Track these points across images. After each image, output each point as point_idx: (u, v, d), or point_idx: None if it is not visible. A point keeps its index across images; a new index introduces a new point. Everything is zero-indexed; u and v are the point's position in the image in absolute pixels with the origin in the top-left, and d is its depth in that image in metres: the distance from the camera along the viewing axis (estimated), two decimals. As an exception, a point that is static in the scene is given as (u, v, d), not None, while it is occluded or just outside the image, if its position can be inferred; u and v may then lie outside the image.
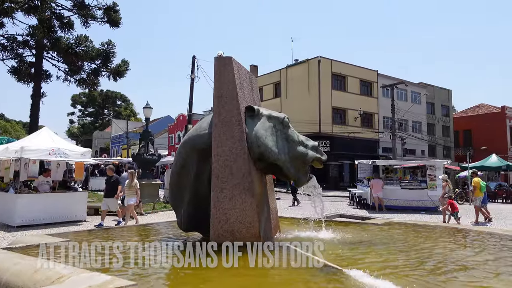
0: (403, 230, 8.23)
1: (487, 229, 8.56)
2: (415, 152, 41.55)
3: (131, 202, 11.01)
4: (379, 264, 5.01)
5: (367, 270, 4.28)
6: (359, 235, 7.59)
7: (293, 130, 6.50)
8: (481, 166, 28.87)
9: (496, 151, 37.30)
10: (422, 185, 17.69)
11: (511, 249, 6.34)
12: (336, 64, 36.14)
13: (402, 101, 40.45)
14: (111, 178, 11.56)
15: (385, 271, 4.56)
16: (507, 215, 16.96)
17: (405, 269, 4.83)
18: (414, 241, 6.94)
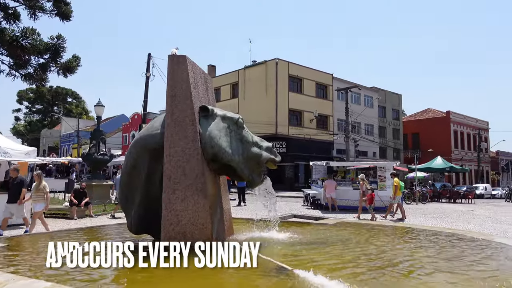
0: (354, 230, 8.47)
1: (432, 228, 8.98)
2: (367, 154, 43.01)
3: (38, 209, 9.51)
4: (330, 264, 5.11)
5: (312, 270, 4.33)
6: (312, 235, 7.72)
7: (248, 131, 6.49)
8: (427, 167, 30.43)
9: (441, 154, 39.42)
10: (372, 186, 18.29)
11: (457, 246, 6.68)
12: (293, 67, 36.68)
13: (355, 104, 41.75)
14: (15, 180, 9.89)
15: (335, 270, 4.65)
16: (450, 213, 17.93)
17: (354, 268, 4.95)
18: (364, 240, 7.15)
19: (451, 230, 8.74)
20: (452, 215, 17.44)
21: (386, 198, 18.02)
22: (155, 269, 4.13)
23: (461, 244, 6.78)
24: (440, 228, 9.93)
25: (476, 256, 5.87)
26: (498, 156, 69.72)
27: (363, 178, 15.64)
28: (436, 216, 16.73)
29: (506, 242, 7.10)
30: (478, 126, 56.95)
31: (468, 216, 17.00)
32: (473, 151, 54.33)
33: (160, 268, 4.14)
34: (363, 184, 15.22)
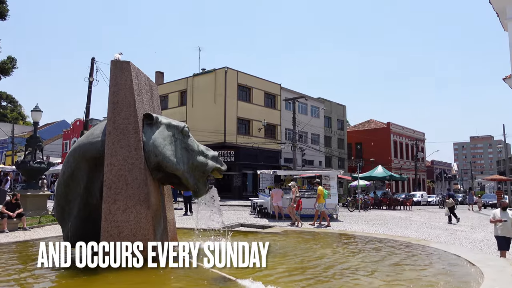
0: (299, 238, 8.62)
1: (372, 234, 9.35)
2: (313, 162, 44.10)
3: None
4: (273, 272, 5.15)
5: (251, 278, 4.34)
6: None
7: (193, 139, 6.41)
8: (369, 176, 31.74)
9: (382, 163, 41.34)
10: (301, 194, 18.74)
11: (394, 250, 7.00)
12: (242, 76, 36.93)
13: (302, 114, 42.75)
14: None
15: (280, 278, 4.69)
16: (390, 220, 18.80)
17: (298, 275, 5.02)
18: (309, 248, 7.30)
19: (390, 236, 9.16)
20: (392, 221, 18.29)
21: (331, 206, 18.56)
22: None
23: (397, 249, 7.12)
24: (380, 235, 10.37)
25: (410, 259, 6.19)
26: (433, 165, 74.48)
27: (294, 185, 16.09)
28: (377, 222, 17.46)
29: (439, 247, 7.56)
30: (416, 136, 60.50)
31: (406, 222, 17.91)
32: (411, 160, 57.53)
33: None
34: (295, 191, 15.62)
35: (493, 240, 12.76)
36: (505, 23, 28.08)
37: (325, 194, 15.63)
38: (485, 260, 5.81)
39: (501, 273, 5.00)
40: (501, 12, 28.48)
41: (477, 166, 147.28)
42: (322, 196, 15.37)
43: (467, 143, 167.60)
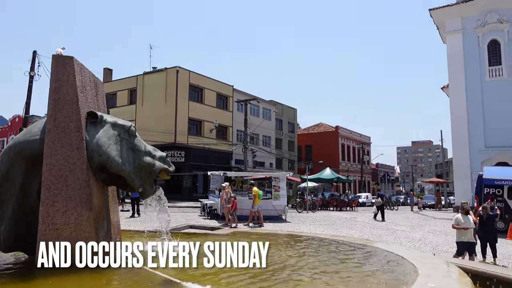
0: (248, 239, 8.65)
1: (315, 235, 9.59)
2: (264, 164, 44.55)
3: None
4: (221, 276, 5.13)
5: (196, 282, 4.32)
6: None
7: (140, 139, 6.25)
8: (317, 178, 32.59)
9: (330, 165, 42.57)
10: (267, 196, 18.99)
11: (339, 250, 7.21)
12: (194, 76, 36.54)
13: (254, 116, 43.07)
14: None
15: (227, 278, 4.69)
16: (336, 221, 19.42)
17: (242, 278, 5.04)
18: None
19: (335, 237, 9.45)
20: (338, 222, 18.90)
21: (281, 207, 18.86)
22: None
23: (340, 248, 7.37)
24: (326, 235, 10.66)
25: (351, 258, 6.44)
26: (378, 168, 77.88)
27: (227, 185, 16.30)
28: (324, 223, 17.98)
29: (379, 246, 7.91)
30: (362, 140, 62.98)
31: (351, 223, 18.59)
32: (357, 163, 59.76)
33: None
34: (228, 191, 15.80)
35: (430, 239, 13.60)
36: (444, 36, 30.10)
37: (259, 195, 16.09)
38: (421, 258, 6.15)
39: (435, 269, 5.32)
40: (441, 26, 30.51)
41: (418, 169, 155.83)
42: (257, 197, 15.82)
43: (409, 147, 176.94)
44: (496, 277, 6.18)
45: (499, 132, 25.39)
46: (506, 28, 26.23)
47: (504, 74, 26.04)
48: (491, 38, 26.75)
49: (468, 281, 4.72)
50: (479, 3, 26.77)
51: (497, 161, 25.02)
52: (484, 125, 26.02)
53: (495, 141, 25.55)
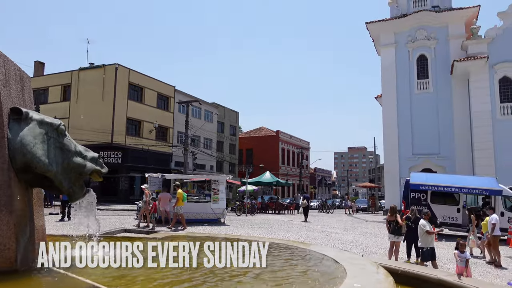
0: (184, 243, 8.50)
1: (252, 238, 9.67)
2: (205, 167, 44.20)
3: None
4: (152, 280, 5.00)
5: None
6: (139, 250, 7.43)
7: (70, 139, 5.92)
8: (257, 181, 32.94)
9: (271, 169, 43.23)
10: (207, 199, 18.85)
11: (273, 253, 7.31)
12: (134, 74, 35.41)
13: (196, 118, 42.64)
14: None
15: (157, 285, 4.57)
16: (274, 224, 19.73)
17: (176, 283, 4.95)
18: (191, 254, 7.23)
19: (270, 239, 9.60)
20: (275, 225, 19.23)
21: (219, 210, 18.80)
22: None
23: (274, 251, 7.49)
24: (263, 238, 10.80)
25: (284, 260, 6.59)
26: (316, 172, 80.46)
27: (147, 187, 16.09)
28: (262, 226, 18.19)
29: (312, 248, 8.16)
30: (301, 145, 64.71)
31: (288, 226, 18.99)
32: (297, 167, 61.27)
33: None
34: (148, 193, 15.62)
35: (361, 241, 14.27)
36: (379, 49, 31.84)
37: (184, 197, 15.82)
38: (350, 259, 6.43)
39: (362, 270, 5.59)
40: (376, 39, 32.22)
41: (353, 174, 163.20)
42: (181, 199, 15.54)
43: (346, 153, 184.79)
44: (418, 276, 6.63)
45: (425, 140, 27.38)
46: (433, 45, 28.38)
47: (430, 87, 28.13)
48: (420, 53, 28.80)
49: (391, 280, 5.01)
50: (410, 20, 28.73)
51: (423, 168, 26.92)
52: (412, 134, 27.90)
53: (421, 149, 27.50)
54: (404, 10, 29.80)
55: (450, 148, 26.78)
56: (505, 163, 23.53)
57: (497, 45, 25.12)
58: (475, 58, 24.96)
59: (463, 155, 26.13)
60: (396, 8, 30.14)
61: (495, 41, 25.24)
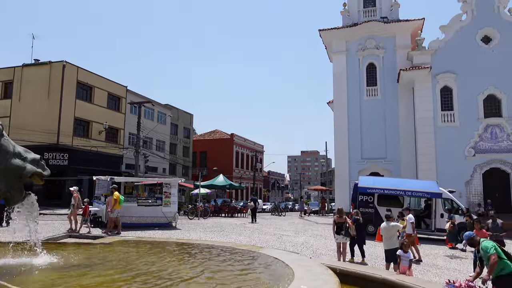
0: (131, 248, 8.28)
1: (204, 242, 9.61)
2: (157, 169, 43.26)
3: None
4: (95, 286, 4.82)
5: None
6: (83, 257, 7.14)
7: (9, 139, 5.60)
8: (210, 184, 32.72)
9: (225, 172, 43.12)
10: (158, 202, 18.46)
11: (223, 256, 7.29)
12: (83, 73, 34.00)
13: (148, 119, 41.67)
14: None
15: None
16: (226, 227, 19.67)
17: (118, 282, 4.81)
18: (137, 258, 7.06)
19: (223, 243, 9.58)
20: (228, 228, 19.17)
21: (171, 214, 18.48)
22: None
23: (226, 254, 7.49)
24: (215, 242, 10.74)
25: (235, 263, 6.58)
26: (269, 176, 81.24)
27: (76, 190, 15.59)
28: (214, 229, 18.08)
29: (263, 251, 8.23)
30: (256, 148, 65.12)
31: (240, 229, 19.00)
32: (250, 170, 61.56)
33: None
34: (77, 197, 15.14)
35: (311, 243, 14.57)
36: (331, 56, 32.77)
37: (121, 200, 15.17)
38: (299, 261, 6.57)
39: (310, 272, 5.72)
40: (328, 46, 33.15)
41: (305, 177, 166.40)
42: (118, 202, 14.94)
43: (299, 156, 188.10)
44: (364, 276, 6.89)
45: (373, 145, 28.53)
46: (381, 54, 29.67)
47: (378, 94, 29.36)
48: (369, 62, 29.99)
49: (337, 281, 5.17)
50: (361, 29, 29.86)
51: (371, 171, 28.01)
52: (361, 139, 28.97)
53: (370, 153, 28.62)
54: (355, 20, 30.93)
55: (396, 153, 28.07)
56: (444, 168, 25.02)
57: (439, 56, 26.71)
58: (419, 68, 26.38)
59: (407, 159, 27.49)
60: (347, 17, 31.22)
61: (437, 53, 26.82)
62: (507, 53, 25.38)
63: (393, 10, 30.29)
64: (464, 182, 24.94)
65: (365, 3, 31.35)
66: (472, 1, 26.66)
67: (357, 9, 31.23)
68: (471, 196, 24.87)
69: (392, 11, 30.29)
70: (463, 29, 26.71)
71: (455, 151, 25.32)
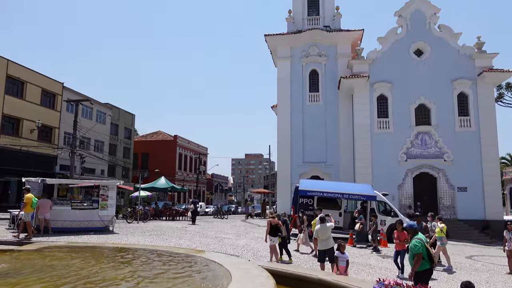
0: (61, 254, 7.80)
1: (142, 246, 9.30)
2: (95, 171, 41.34)
3: None
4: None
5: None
6: (4, 264, 6.61)
7: None
8: (151, 187, 31.86)
9: (167, 174, 42.21)
10: (94, 205, 17.61)
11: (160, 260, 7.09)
12: (14, 67, 31.69)
13: (87, 118, 39.75)
14: None
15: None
16: (167, 231, 19.22)
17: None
18: (66, 265, 6.66)
19: (161, 247, 9.32)
20: (168, 232, 18.75)
21: (108, 218, 17.71)
22: None
23: (164, 258, 7.29)
24: (156, 246, 10.43)
25: (172, 267, 6.43)
26: (213, 178, 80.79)
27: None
28: (154, 233, 17.60)
29: (202, 255, 8.13)
30: (199, 151, 64.44)
31: (181, 232, 18.67)
32: (194, 173, 60.82)
33: None
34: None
35: (252, 245, 14.66)
36: (276, 61, 33.33)
37: (33, 202, 13.95)
38: (237, 264, 6.56)
39: (247, 275, 5.73)
40: (273, 51, 33.70)
41: (249, 180, 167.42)
42: (30, 205, 13.77)
43: (243, 159, 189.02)
44: (301, 277, 7.03)
45: (314, 149, 29.38)
46: (323, 61, 30.66)
47: (320, 100, 30.30)
48: (312, 68, 30.88)
49: (273, 283, 5.22)
50: (304, 36, 30.67)
51: (312, 175, 28.79)
52: (303, 143, 29.71)
53: (311, 157, 29.43)
54: (300, 27, 31.72)
55: (335, 157, 29.11)
56: (380, 172, 26.38)
57: (377, 66, 28.14)
58: (358, 76, 27.60)
59: (346, 164, 28.62)
60: (292, 24, 31.93)
61: (375, 63, 28.24)
62: (436, 66, 27.34)
63: (336, 20, 31.46)
64: (397, 185, 26.42)
65: (309, 11, 32.28)
66: (407, 16, 28.42)
67: (302, 17, 32.05)
68: (402, 198, 26.39)
69: (335, 21, 31.45)
70: (398, 42, 28.38)
71: (390, 156, 26.77)
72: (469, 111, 26.82)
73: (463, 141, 26.35)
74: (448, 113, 26.88)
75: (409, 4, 28.49)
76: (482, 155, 26.03)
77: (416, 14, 28.37)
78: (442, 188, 26.24)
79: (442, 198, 26.14)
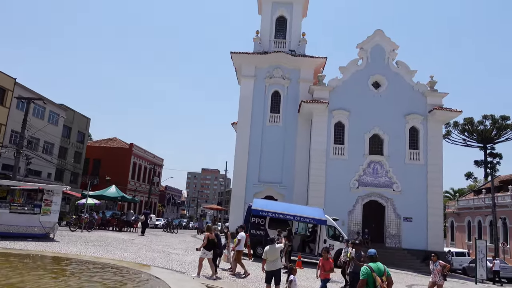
0: None
1: (82, 257, 8.90)
2: (41, 174, 39.27)
3: None
4: None
5: None
6: None
7: None
8: (100, 195, 30.65)
9: (119, 183, 40.86)
10: (35, 210, 16.68)
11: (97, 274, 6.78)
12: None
13: (38, 118, 37.94)
14: None
15: None
16: (112, 242, 18.48)
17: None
18: None
19: (101, 259, 8.94)
20: (113, 243, 18.04)
21: (50, 224, 16.82)
22: None
23: (101, 271, 7.00)
24: (92, 257, 9.97)
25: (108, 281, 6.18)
26: (166, 191, 79.14)
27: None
28: (98, 244, 16.87)
29: (145, 270, 7.88)
30: (155, 161, 63.04)
31: (127, 245, 18.02)
32: (147, 183, 59.26)
33: None
34: None
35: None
36: (240, 78, 33.60)
37: None
38: (180, 281, 6.41)
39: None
40: (238, 69, 33.99)
41: (204, 195, 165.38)
42: None
43: (199, 173, 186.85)
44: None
45: (270, 169, 29.61)
46: (286, 84, 31.28)
47: (280, 121, 30.76)
48: (275, 89, 31.39)
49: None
50: (270, 58, 31.23)
51: (266, 194, 28.90)
52: (260, 162, 29.87)
53: (267, 177, 29.62)
54: (266, 48, 32.29)
55: (290, 179, 29.45)
56: (332, 196, 26.96)
57: (336, 94, 29.07)
58: (318, 102, 28.35)
59: (300, 186, 29.03)
60: (259, 44, 32.45)
61: (335, 90, 29.17)
62: (392, 99, 28.66)
63: (301, 45, 32.34)
64: (347, 211, 27.07)
65: (276, 34, 32.99)
66: (368, 49, 29.74)
67: (269, 39, 32.67)
68: (352, 224, 27.04)
69: (300, 46, 32.31)
70: (358, 73, 29.54)
71: (342, 182, 27.46)
72: (419, 145, 28.20)
73: (412, 173, 27.57)
74: (399, 145, 28.10)
75: (371, 39, 29.86)
76: (428, 188, 27.31)
77: (376, 48, 29.75)
78: (389, 217, 27.18)
79: (388, 227, 27.05)
